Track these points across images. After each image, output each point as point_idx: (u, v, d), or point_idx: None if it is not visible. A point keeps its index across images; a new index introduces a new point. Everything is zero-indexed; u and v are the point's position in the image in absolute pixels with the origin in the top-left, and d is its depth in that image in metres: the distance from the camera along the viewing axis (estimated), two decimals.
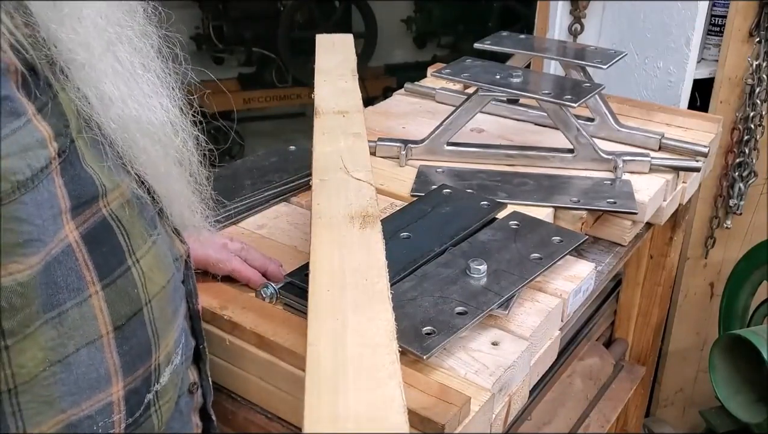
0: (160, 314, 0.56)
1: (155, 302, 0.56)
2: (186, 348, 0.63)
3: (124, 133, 0.52)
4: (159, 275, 0.57)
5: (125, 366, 0.53)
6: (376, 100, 1.52)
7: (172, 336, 0.59)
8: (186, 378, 0.64)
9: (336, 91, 0.99)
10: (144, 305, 0.54)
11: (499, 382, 0.71)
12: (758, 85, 1.68)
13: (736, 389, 1.64)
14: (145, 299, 0.55)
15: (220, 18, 4.16)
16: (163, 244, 0.59)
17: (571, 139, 1.13)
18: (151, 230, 0.56)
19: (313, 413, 0.48)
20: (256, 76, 4.34)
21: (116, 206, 0.52)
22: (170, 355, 0.59)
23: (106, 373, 0.51)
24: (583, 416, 1.35)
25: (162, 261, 0.58)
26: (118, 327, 0.52)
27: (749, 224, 1.88)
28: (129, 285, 0.53)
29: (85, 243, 0.49)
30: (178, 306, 0.61)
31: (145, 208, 0.56)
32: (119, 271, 0.52)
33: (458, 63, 1.22)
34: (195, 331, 0.67)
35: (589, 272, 0.88)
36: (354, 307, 0.58)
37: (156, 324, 0.56)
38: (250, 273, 0.84)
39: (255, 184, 1.05)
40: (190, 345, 0.66)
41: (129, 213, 0.54)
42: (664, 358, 1.99)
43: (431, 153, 1.17)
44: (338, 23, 4.23)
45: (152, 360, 0.56)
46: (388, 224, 0.88)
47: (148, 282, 0.55)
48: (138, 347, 0.54)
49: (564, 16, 1.76)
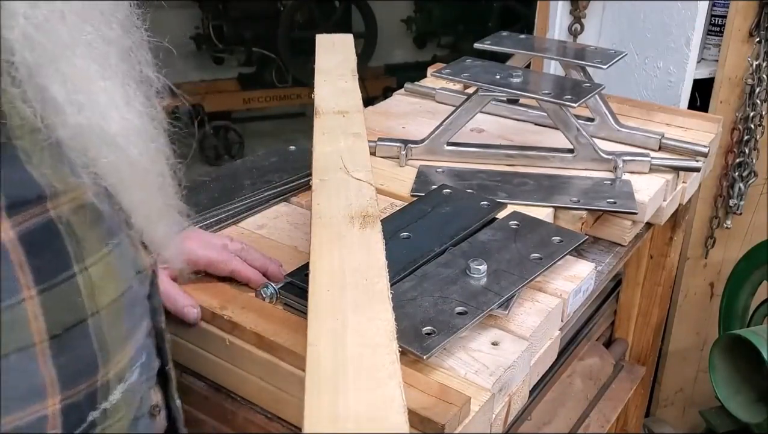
0: (110, 328, 0.53)
1: (104, 313, 0.52)
2: (147, 367, 0.60)
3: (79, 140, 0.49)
4: (112, 285, 0.53)
5: (63, 379, 0.49)
6: (376, 100, 1.52)
7: (127, 352, 0.55)
8: (147, 399, 0.61)
9: (336, 91, 0.99)
10: (89, 316, 0.51)
11: (499, 382, 0.71)
12: (758, 85, 1.68)
13: (736, 389, 1.64)
14: (92, 310, 0.51)
15: (220, 18, 4.17)
16: (123, 254, 0.56)
17: (571, 139, 1.13)
18: (108, 239, 0.53)
19: (313, 413, 0.48)
20: (256, 76, 4.34)
21: (67, 210, 0.49)
22: (123, 373, 0.55)
23: (40, 384, 0.48)
24: (583, 416, 1.35)
25: (118, 272, 0.54)
26: (55, 336, 0.48)
27: (749, 224, 1.88)
28: (72, 293, 0.49)
29: (21, 244, 0.46)
30: (137, 322, 0.58)
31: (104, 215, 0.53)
32: (61, 277, 0.49)
33: (458, 63, 1.22)
34: (160, 350, 0.64)
35: (589, 272, 0.88)
36: (354, 307, 0.58)
37: (104, 338, 0.52)
38: (251, 273, 0.83)
39: (255, 184, 1.05)
40: (154, 364, 0.62)
41: (83, 218, 0.51)
42: (664, 358, 1.99)
43: (431, 153, 1.17)
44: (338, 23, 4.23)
45: (98, 376, 0.52)
46: (388, 224, 0.88)
47: (97, 292, 0.51)
48: (79, 360, 0.50)
49: (564, 16, 1.76)
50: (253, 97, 4.25)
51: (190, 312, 0.79)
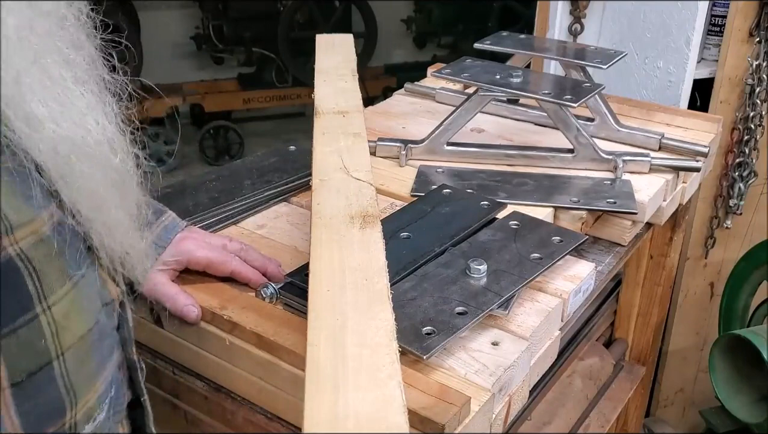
0: (78, 368, 0.50)
1: (71, 354, 0.49)
2: (116, 401, 0.56)
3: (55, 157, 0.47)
4: (78, 323, 0.50)
5: (28, 427, 0.46)
6: (376, 100, 1.52)
7: (95, 390, 0.52)
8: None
9: (336, 91, 0.99)
10: (55, 359, 0.48)
11: (499, 382, 0.71)
12: (758, 85, 1.68)
13: (736, 389, 1.64)
14: (57, 352, 0.48)
15: (220, 18, 4.17)
16: (89, 287, 0.52)
17: (571, 139, 1.13)
18: (72, 271, 0.50)
19: (313, 413, 0.48)
20: (256, 76, 4.35)
21: (27, 244, 0.46)
22: (92, 412, 0.52)
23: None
24: (583, 416, 1.35)
25: (84, 307, 0.51)
26: (17, 383, 0.45)
27: (749, 224, 1.88)
28: (35, 336, 0.46)
29: None
30: (106, 357, 0.54)
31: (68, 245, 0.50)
32: (22, 320, 0.45)
33: (458, 63, 1.22)
34: (133, 382, 0.61)
35: (589, 272, 0.88)
36: (354, 307, 0.58)
37: (71, 379, 0.49)
38: (251, 273, 0.83)
39: (255, 184, 1.05)
40: (123, 398, 0.59)
41: (44, 252, 0.47)
42: (664, 358, 1.99)
43: (431, 153, 1.17)
44: (338, 23, 4.23)
45: (66, 419, 0.49)
46: (388, 224, 0.88)
47: (62, 332, 0.48)
48: (45, 405, 0.47)
49: (564, 16, 1.76)
50: (253, 97, 4.25)
51: (190, 311, 0.78)
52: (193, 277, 0.83)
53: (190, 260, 0.81)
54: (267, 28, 4.12)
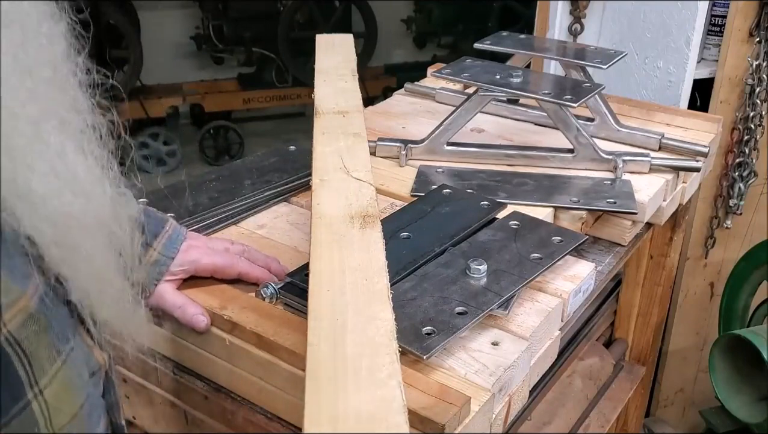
0: None
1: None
2: None
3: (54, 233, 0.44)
4: (69, 403, 0.48)
5: None
6: (376, 100, 1.52)
7: None
8: None
9: (336, 91, 0.99)
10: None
11: (499, 382, 0.71)
12: (758, 85, 1.68)
13: (736, 389, 1.64)
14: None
15: (220, 18, 4.17)
16: (77, 360, 0.50)
17: (571, 139, 1.13)
18: (61, 345, 0.47)
19: (313, 413, 0.48)
20: (256, 76, 4.35)
21: (16, 325, 0.43)
22: None
23: None
24: (583, 416, 1.35)
25: (74, 384, 0.49)
26: None
27: (749, 224, 1.88)
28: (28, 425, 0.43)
29: None
30: (95, 426, 0.52)
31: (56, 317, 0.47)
32: (15, 410, 0.42)
33: (458, 63, 1.22)
34: None
35: (589, 272, 0.88)
36: (354, 307, 0.58)
37: None
38: (259, 272, 0.83)
39: (255, 184, 1.05)
40: None
41: (33, 329, 0.44)
42: (664, 358, 1.99)
43: (431, 153, 1.17)
44: (338, 23, 4.24)
45: None
46: (388, 224, 0.88)
47: (55, 415, 0.45)
48: None
49: (564, 16, 1.76)
50: (253, 97, 4.25)
51: (200, 321, 0.77)
52: (192, 278, 0.83)
53: (197, 268, 0.81)
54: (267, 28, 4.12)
